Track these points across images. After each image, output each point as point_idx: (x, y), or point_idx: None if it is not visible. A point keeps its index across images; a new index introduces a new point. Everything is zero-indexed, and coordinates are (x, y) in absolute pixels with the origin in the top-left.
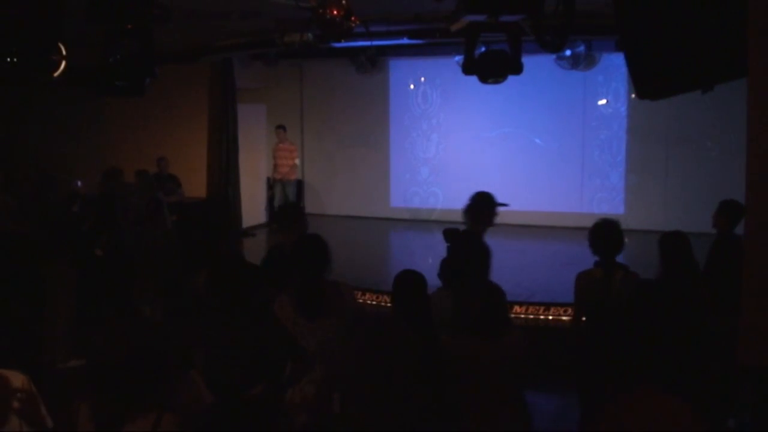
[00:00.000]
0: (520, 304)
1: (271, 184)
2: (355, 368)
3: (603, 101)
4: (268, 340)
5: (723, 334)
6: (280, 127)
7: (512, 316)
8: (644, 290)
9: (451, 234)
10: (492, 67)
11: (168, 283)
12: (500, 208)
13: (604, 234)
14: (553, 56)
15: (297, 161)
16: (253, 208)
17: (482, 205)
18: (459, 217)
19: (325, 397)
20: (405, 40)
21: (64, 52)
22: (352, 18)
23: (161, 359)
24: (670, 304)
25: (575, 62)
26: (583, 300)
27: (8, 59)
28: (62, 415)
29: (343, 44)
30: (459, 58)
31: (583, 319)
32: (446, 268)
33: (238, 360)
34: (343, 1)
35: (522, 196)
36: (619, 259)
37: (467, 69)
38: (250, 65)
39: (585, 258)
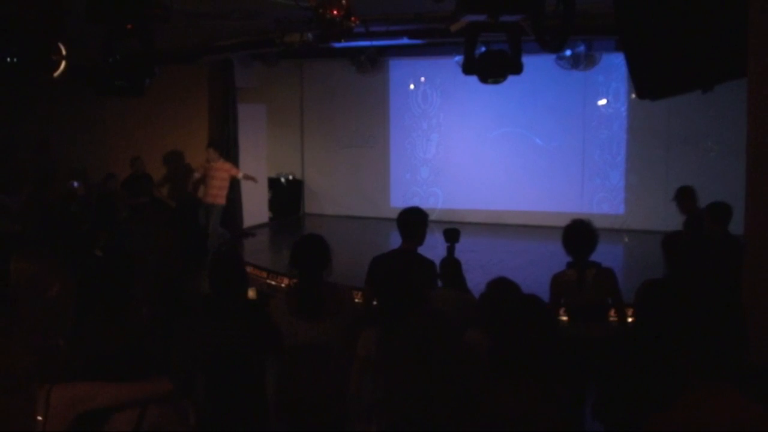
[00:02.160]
0: None
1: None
2: (395, 363)
3: (603, 101)
4: (255, 346)
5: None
6: (211, 146)
7: None
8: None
9: (450, 234)
10: (492, 67)
11: (167, 283)
12: (502, 208)
13: (575, 234)
14: (553, 56)
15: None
16: (253, 208)
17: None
18: (459, 217)
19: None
20: (405, 40)
21: (64, 52)
22: (352, 18)
23: (143, 358)
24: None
25: (575, 62)
26: (558, 301)
27: (8, 59)
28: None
29: (343, 44)
30: (459, 58)
31: (564, 318)
32: (446, 267)
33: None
34: (343, 1)
35: (522, 196)
36: (618, 257)
37: (467, 69)
38: (250, 65)
39: None
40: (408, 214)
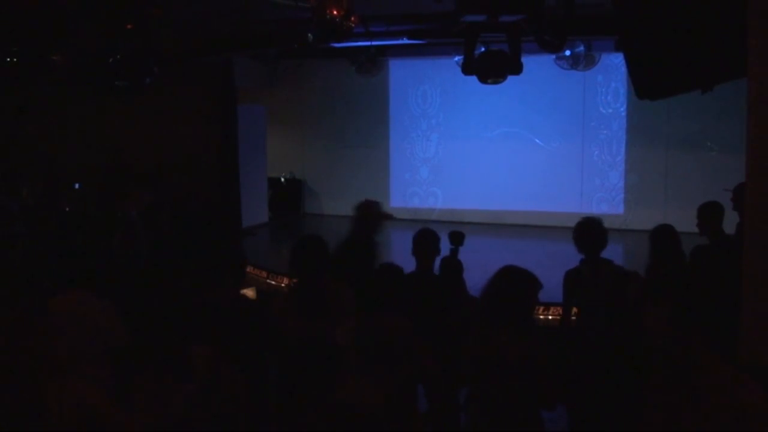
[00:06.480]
0: None
1: None
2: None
3: (603, 101)
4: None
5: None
6: None
7: None
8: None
9: (455, 237)
10: (492, 67)
11: (167, 283)
12: (501, 208)
13: (587, 232)
14: (553, 56)
15: None
16: (253, 208)
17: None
18: (458, 217)
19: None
20: (405, 40)
21: (64, 53)
22: (352, 18)
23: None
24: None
25: (575, 62)
26: (572, 297)
27: (8, 59)
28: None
29: (343, 44)
30: (459, 58)
31: (573, 318)
32: (447, 268)
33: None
34: (343, 1)
35: (521, 196)
36: (617, 257)
37: (467, 69)
38: (250, 65)
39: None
40: (426, 233)
